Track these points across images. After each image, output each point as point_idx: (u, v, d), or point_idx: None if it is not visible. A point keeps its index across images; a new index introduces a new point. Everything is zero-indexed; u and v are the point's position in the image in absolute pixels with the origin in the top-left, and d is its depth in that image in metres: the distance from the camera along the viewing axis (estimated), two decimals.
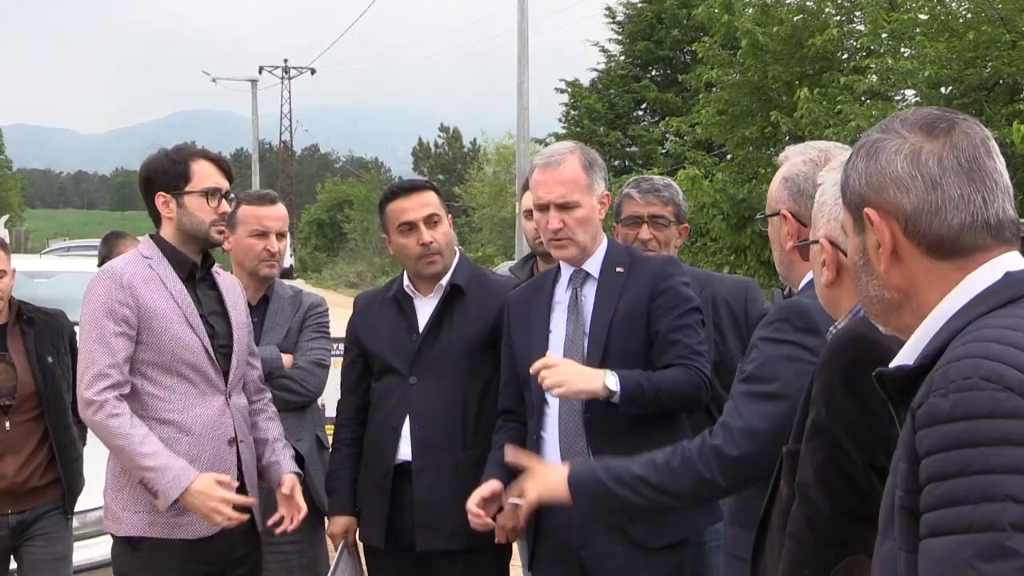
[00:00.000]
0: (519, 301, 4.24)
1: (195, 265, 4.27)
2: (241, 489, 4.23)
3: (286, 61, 68.54)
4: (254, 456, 4.39)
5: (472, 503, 3.97)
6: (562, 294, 4.13)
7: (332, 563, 4.54)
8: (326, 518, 4.74)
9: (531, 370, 3.81)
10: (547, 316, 4.11)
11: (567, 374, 3.73)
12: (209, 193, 4.20)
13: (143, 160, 4.37)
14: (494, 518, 4.32)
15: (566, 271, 4.14)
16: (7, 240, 5.49)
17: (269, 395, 4.56)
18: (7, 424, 4.98)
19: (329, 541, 4.77)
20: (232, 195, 4.34)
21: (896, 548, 1.75)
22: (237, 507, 4.09)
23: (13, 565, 5.24)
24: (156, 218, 4.28)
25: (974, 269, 1.86)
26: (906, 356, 1.88)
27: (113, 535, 4.17)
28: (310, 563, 4.79)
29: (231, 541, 4.21)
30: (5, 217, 51.95)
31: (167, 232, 4.25)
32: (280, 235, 4.91)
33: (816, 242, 2.63)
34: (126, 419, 4.01)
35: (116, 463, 4.16)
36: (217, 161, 4.32)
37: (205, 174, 4.23)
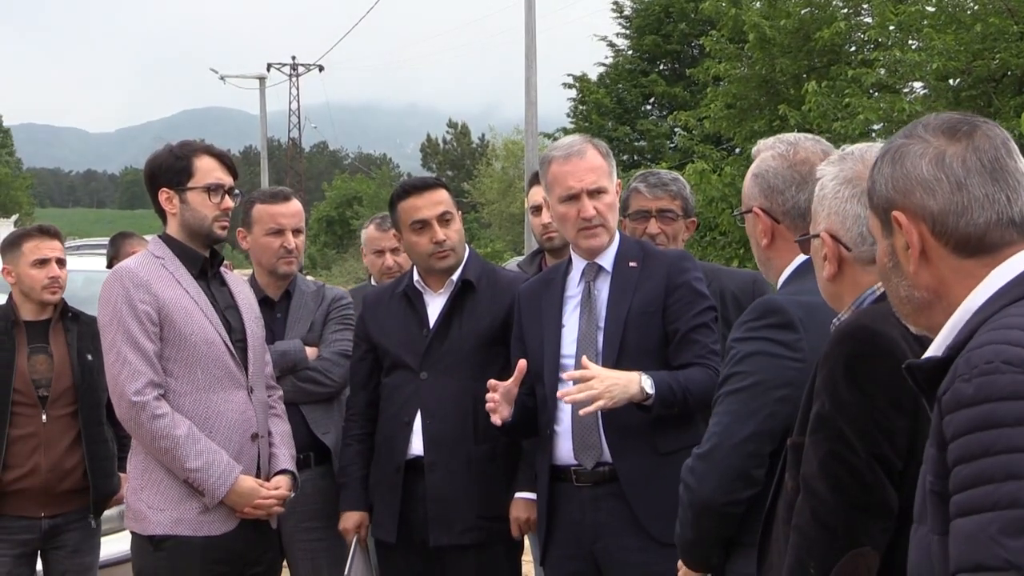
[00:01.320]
0: (530, 295, 4.24)
1: (206, 261, 4.29)
2: None
3: (294, 58, 68.65)
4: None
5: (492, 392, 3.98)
6: (574, 288, 4.13)
7: (348, 560, 4.56)
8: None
9: (566, 377, 3.82)
10: (559, 310, 4.11)
11: (605, 387, 3.68)
12: (211, 189, 4.22)
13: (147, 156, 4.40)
14: (507, 512, 4.34)
15: (578, 264, 4.15)
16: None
17: (280, 392, 4.57)
18: (44, 417, 5.00)
19: None
20: (237, 191, 4.36)
21: (930, 533, 1.81)
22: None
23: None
24: (162, 214, 4.31)
25: (999, 264, 1.91)
26: (935, 349, 1.93)
27: (138, 534, 4.16)
28: (338, 560, 4.77)
29: (249, 539, 4.23)
30: (15, 216, 51.96)
31: (172, 229, 4.27)
32: (296, 231, 4.91)
33: (817, 236, 2.65)
34: (169, 420, 4.03)
35: (137, 462, 4.17)
36: (220, 157, 4.33)
37: (208, 170, 4.24)
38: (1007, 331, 1.77)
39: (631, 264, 4.07)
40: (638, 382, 3.74)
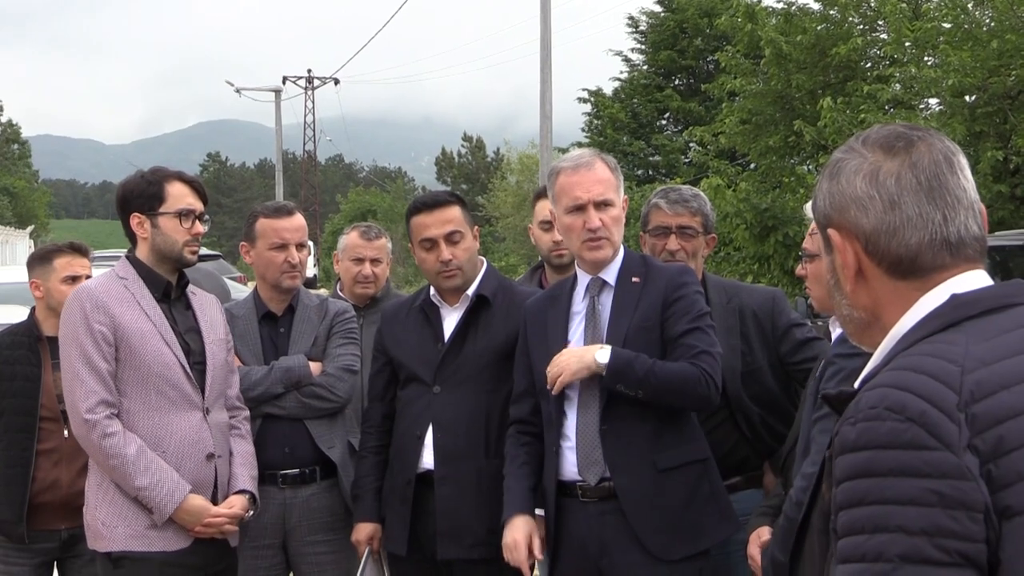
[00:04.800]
0: (536, 311, 4.24)
1: (170, 285, 4.39)
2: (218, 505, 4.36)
3: (310, 71, 68.63)
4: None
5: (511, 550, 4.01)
6: (579, 303, 4.13)
7: (358, 572, 4.56)
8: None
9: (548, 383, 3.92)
10: (565, 325, 4.11)
11: (563, 362, 3.88)
12: (182, 214, 4.34)
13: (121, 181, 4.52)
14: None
15: (583, 279, 4.15)
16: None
17: (246, 413, 4.63)
18: (65, 432, 5.02)
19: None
20: (207, 216, 4.47)
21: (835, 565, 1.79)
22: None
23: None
24: (132, 238, 4.42)
25: (931, 289, 1.86)
26: (863, 375, 1.89)
27: (97, 552, 4.26)
28: (344, 574, 4.79)
29: (207, 555, 4.31)
30: (30, 228, 52.17)
31: (142, 252, 4.39)
32: (300, 246, 4.91)
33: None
34: (119, 438, 4.13)
35: (93, 480, 4.29)
36: (191, 183, 4.45)
37: (179, 195, 4.37)
38: (901, 373, 1.72)
39: (634, 279, 4.07)
40: (593, 352, 3.86)
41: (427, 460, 4.41)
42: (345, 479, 4.82)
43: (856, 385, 1.84)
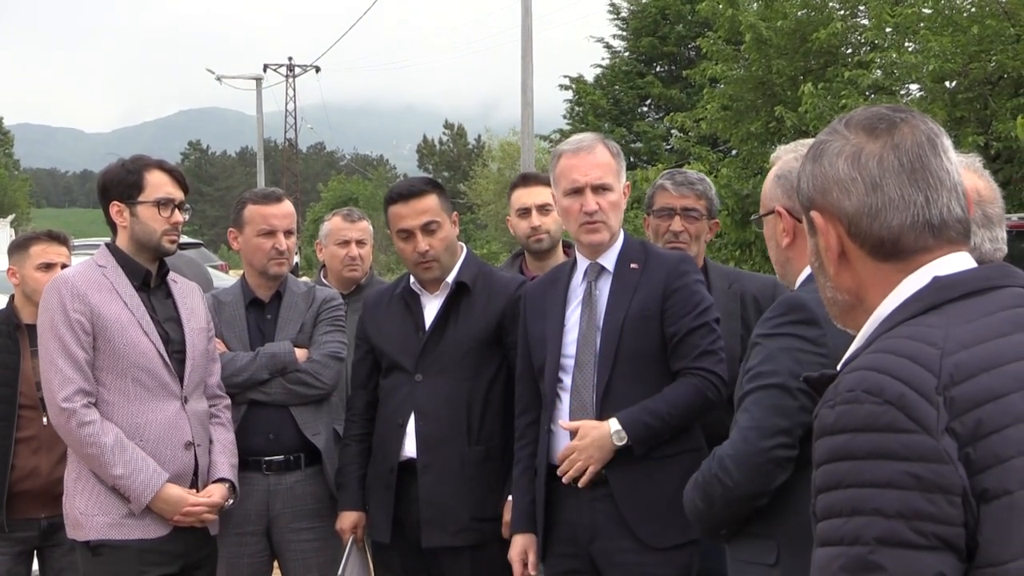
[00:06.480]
0: (536, 293, 4.25)
1: (149, 273, 4.38)
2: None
3: (291, 59, 68.38)
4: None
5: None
6: (578, 288, 4.13)
7: (342, 559, 4.56)
8: None
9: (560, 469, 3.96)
10: (563, 309, 4.11)
11: (585, 457, 3.87)
12: (161, 203, 4.33)
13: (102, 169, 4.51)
14: (501, 513, 4.34)
15: (581, 264, 4.15)
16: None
17: (227, 401, 4.62)
18: (44, 420, 5.01)
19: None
20: (187, 205, 4.46)
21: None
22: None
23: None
24: (113, 227, 4.41)
25: (913, 271, 1.86)
26: (845, 357, 1.89)
27: (76, 541, 4.27)
28: (330, 561, 4.79)
29: (187, 543, 4.33)
30: (10, 216, 51.87)
31: (121, 241, 4.38)
32: (288, 232, 4.91)
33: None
34: (96, 427, 4.14)
35: (71, 470, 4.29)
36: (171, 172, 4.44)
37: (158, 184, 4.35)
38: (881, 355, 1.72)
39: (632, 266, 4.06)
40: (608, 436, 3.84)
41: (409, 448, 4.42)
42: (330, 466, 4.82)
43: (838, 367, 1.84)
